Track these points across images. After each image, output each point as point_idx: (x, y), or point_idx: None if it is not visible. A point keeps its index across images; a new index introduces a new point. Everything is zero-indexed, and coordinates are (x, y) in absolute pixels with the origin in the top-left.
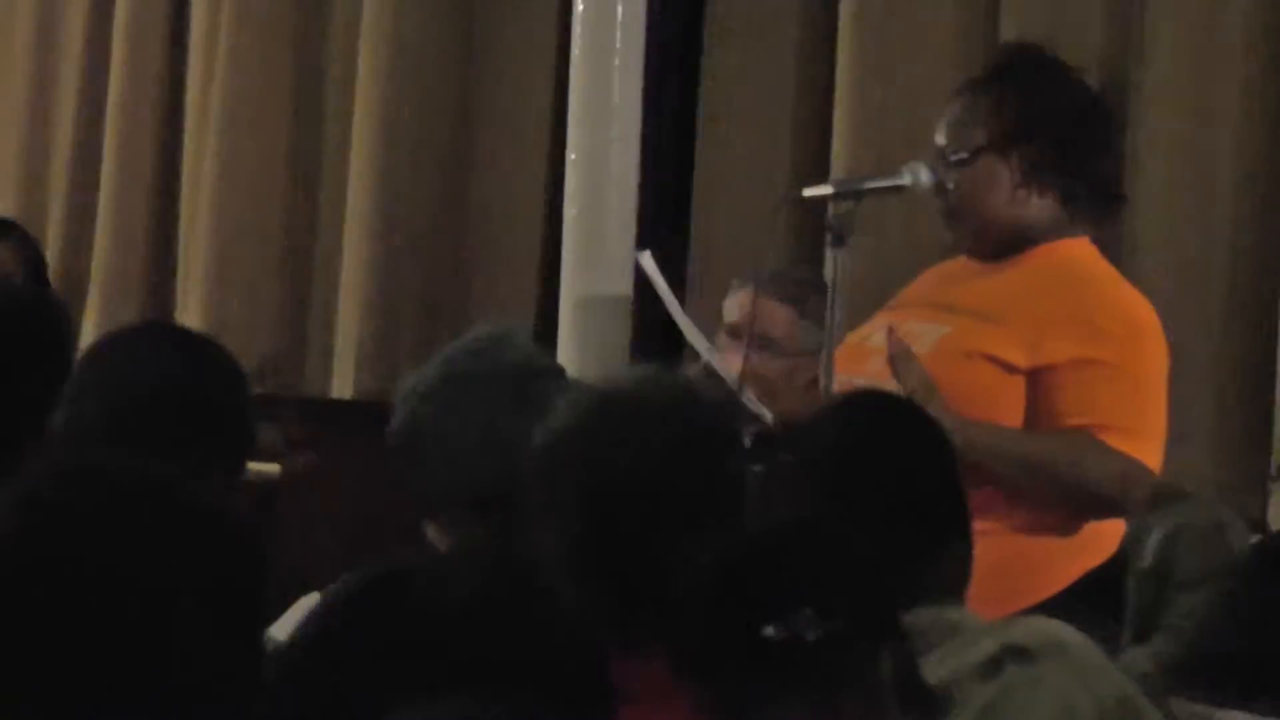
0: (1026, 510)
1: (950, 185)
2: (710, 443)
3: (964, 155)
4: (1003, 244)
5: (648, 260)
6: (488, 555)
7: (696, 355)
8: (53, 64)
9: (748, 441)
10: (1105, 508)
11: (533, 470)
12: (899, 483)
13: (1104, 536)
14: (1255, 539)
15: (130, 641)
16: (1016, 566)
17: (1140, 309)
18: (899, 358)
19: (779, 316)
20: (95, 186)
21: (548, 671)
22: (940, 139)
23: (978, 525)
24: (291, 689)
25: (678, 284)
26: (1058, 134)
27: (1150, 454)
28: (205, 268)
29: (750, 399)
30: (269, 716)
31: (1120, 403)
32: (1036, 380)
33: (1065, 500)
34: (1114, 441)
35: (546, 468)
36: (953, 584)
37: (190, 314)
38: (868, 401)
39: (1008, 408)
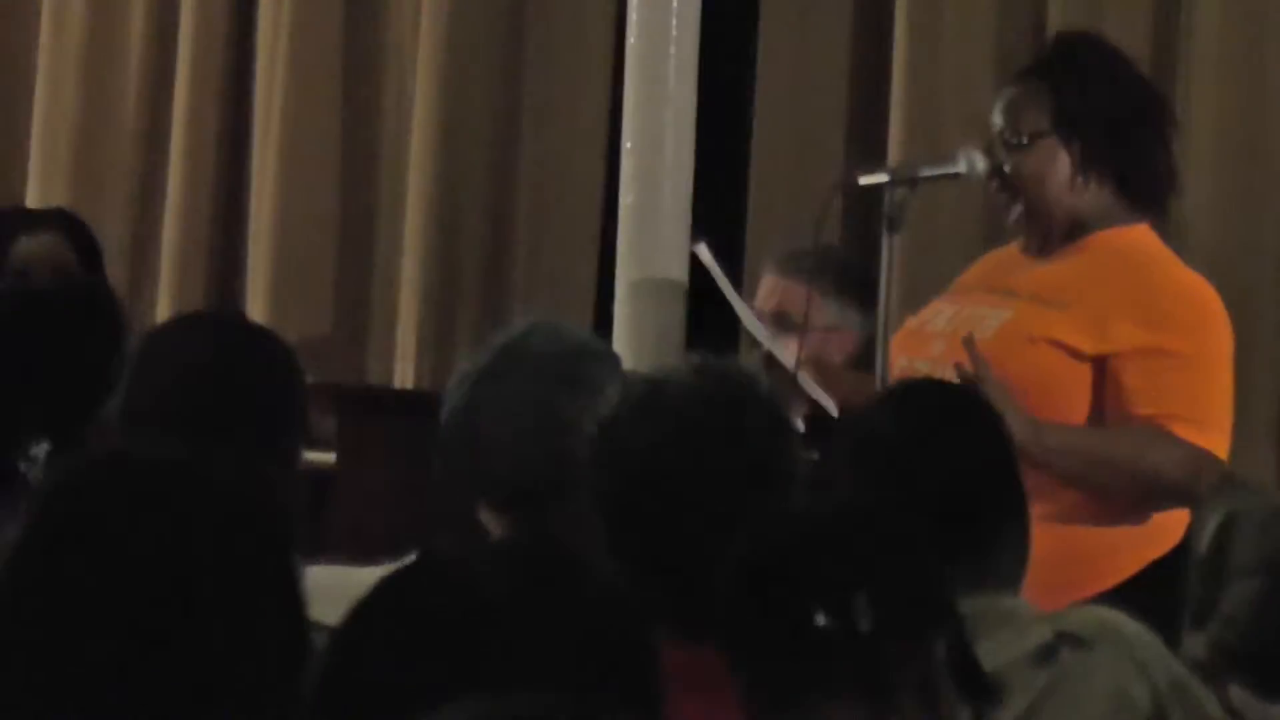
0: (1094, 499)
1: (1007, 168)
2: (764, 431)
3: (1024, 139)
4: (1057, 231)
5: (704, 252)
6: (535, 543)
7: (754, 342)
8: (113, 59)
9: (803, 426)
10: (1175, 498)
11: (585, 456)
12: (955, 471)
13: (1169, 525)
14: None
15: (162, 630)
16: (1083, 554)
17: (1206, 293)
18: (977, 367)
19: (791, 292)
20: (163, 175)
21: (595, 661)
22: (998, 121)
23: (1044, 512)
24: (333, 681)
25: (734, 272)
26: (1117, 124)
27: (1219, 444)
28: (269, 258)
29: (810, 384)
30: (311, 708)
31: (1189, 393)
32: (1103, 367)
33: (1137, 494)
34: (1182, 432)
35: (599, 454)
36: (1009, 573)
37: (256, 304)
38: (925, 389)
39: (1073, 393)
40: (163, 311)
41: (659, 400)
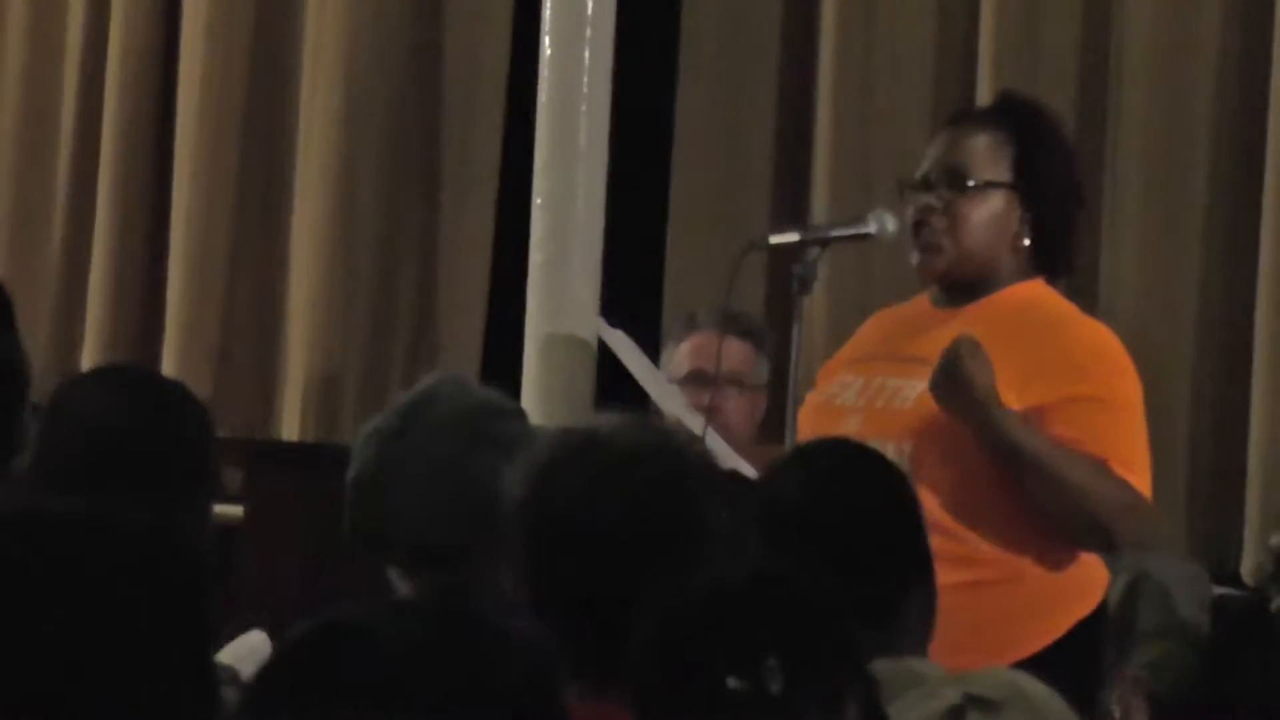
0: (1020, 562)
1: (951, 206)
2: (699, 488)
3: (976, 183)
4: (966, 282)
5: (605, 327)
6: (442, 602)
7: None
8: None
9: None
10: (1103, 536)
11: (506, 510)
12: (860, 534)
13: (1091, 584)
14: (1220, 592)
15: (71, 686)
16: (1012, 618)
17: (1114, 345)
18: (967, 351)
19: (739, 353)
20: (90, 229)
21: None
22: (949, 157)
23: (971, 578)
24: None
25: (649, 332)
26: (1063, 195)
27: (1147, 487)
28: (179, 314)
29: (726, 453)
30: None
31: (1115, 436)
32: (1026, 422)
33: (1068, 517)
34: (1119, 472)
35: (530, 500)
36: (915, 635)
37: (169, 356)
38: (829, 451)
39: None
40: (89, 363)
41: (597, 451)
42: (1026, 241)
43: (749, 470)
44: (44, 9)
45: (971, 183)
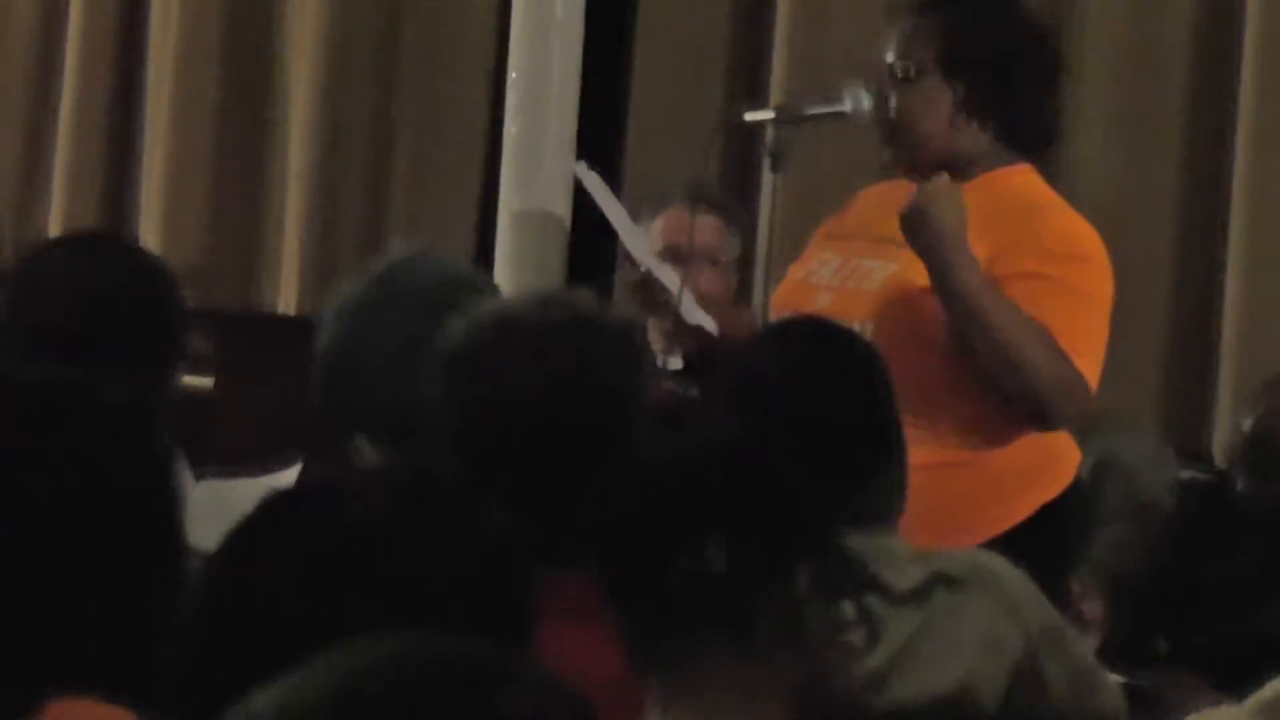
0: (981, 443)
1: (892, 103)
2: (614, 358)
3: (909, 73)
4: (930, 170)
5: (584, 170)
6: (409, 472)
7: (630, 267)
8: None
9: (681, 362)
10: (1035, 405)
11: (433, 390)
12: (829, 409)
13: (1060, 467)
14: (1186, 473)
15: (35, 553)
16: (975, 499)
17: (1088, 236)
18: (939, 192)
19: (713, 228)
20: (56, 93)
21: (468, 591)
22: (888, 56)
23: (934, 459)
24: (208, 608)
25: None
26: (1003, 66)
27: (1091, 373)
28: (161, 184)
29: (693, 308)
30: (186, 633)
31: (1065, 318)
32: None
33: (1004, 379)
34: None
35: (449, 388)
36: (885, 511)
37: (148, 227)
38: (804, 328)
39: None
40: (54, 232)
41: (507, 331)
42: (961, 119)
43: (714, 327)
44: None
45: (901, 75)
